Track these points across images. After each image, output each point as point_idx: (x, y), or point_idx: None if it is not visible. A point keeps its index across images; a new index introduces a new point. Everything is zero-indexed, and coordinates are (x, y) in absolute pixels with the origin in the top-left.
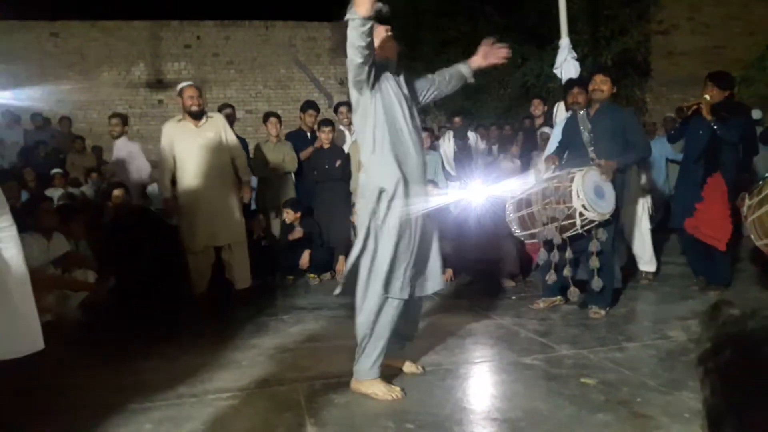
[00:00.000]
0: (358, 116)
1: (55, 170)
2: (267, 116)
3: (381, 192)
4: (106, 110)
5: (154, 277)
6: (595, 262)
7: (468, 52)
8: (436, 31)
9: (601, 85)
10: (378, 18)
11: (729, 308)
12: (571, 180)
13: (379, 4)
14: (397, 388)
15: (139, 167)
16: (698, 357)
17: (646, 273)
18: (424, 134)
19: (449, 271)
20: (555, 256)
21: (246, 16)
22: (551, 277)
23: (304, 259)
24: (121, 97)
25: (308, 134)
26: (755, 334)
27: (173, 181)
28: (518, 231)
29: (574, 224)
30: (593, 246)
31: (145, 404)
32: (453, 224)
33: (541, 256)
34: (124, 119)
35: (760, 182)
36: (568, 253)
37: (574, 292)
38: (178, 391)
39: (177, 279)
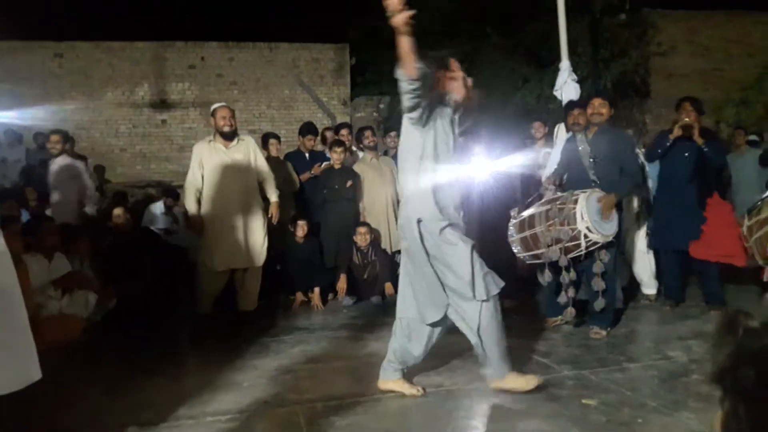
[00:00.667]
0: (405, 145)
1: None
2: (267, 137)
3: (419, 222)
4: (109, 130)
5: (156, 297)
6: (600, 284)
7: (470, 73)
8: (439, 51)
9: (600, 108)
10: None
11: (747, 320)
12: (575, 202)
13: (442, 52)
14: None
15: (83, 186)
16: (716, 372)
17: (647, 295)
18: None
19: None
20: (564, 277)
21: (250, 37)
22: (562, 298)
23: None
24: (125, 117)
25: (306, 155)
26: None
27: (199, 200)
28: (521, 252)
29: (578, 246)
30: (597, 267)
31: (143, 426)
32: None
33: (545, 278)
34: (65, 136)
35: (759, 202)
36: (572, 274)
37: (570, 313)
38: (177, 413)
39: (179, 299)
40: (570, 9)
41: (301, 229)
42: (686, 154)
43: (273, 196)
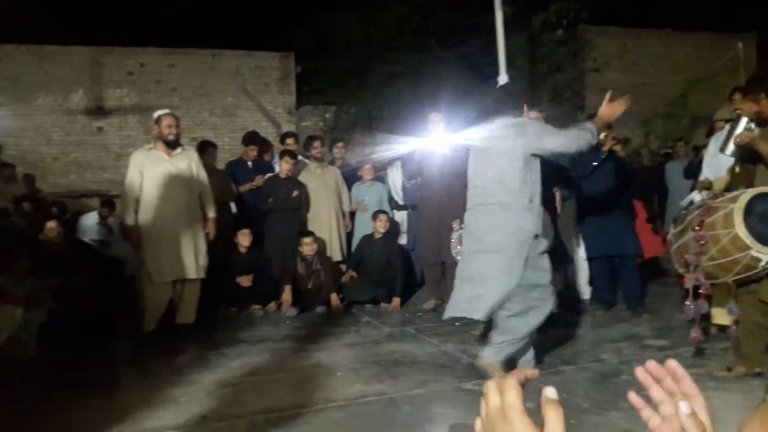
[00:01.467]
0: (518, 169)
1: None
2: (204, 145)
3: (536, 236)
4: (40, 137)
5: (92, 310)
6: None
7: (414, 85)
8: (384, 64)
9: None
10: None
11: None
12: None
13: None
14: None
15: None
16: None
17: (582, 300)
18: (368, 167)
19: (396, 300)
20: None
21: (192, 43)
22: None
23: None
24: (57, 123)
25: (249, 164)
26: None
27: (136, 211)
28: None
29: None
30: None
31: None
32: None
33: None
34: None
35: (683, 212)
36: None
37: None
38: (111, 430)
39: (116, 312)
40: (509, 24)
41: (246, 238)
42: (609, 164)
43: (210, 212)
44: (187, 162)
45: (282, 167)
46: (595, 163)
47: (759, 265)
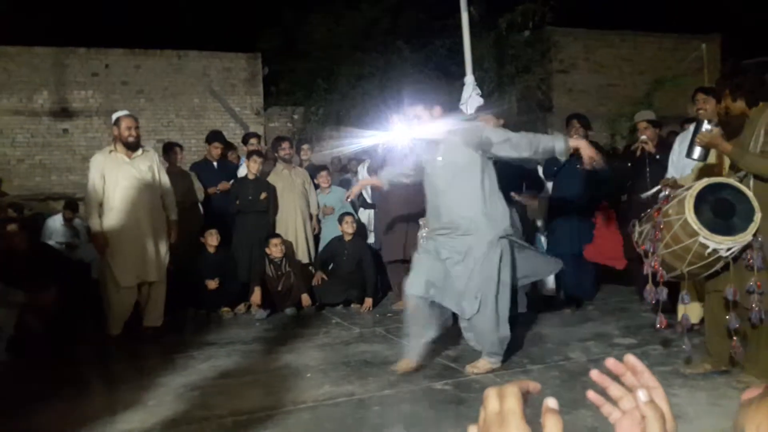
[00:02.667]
0: (467, 172)
1: None
2: (169, 146)
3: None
4: (4, 139)
5: (58, 314)
6: None
7: (381, 86)
8: (352, 65)
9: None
10: None
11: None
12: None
13: None
14: None
15: None
16: None
17: (549, 297)
18: (324, 174)
19: (368, 301)
20: None
21: (157, 44)
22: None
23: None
24: (22, 125)
25: (215, 164)
26: None
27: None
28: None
29: None
30: None
31: None
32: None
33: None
34: None
35: (648, 210)
36: None
37: None
38: None
39: (82, 316)
40: (476, 26)
41: (214, 238)
42: (578, 166)
43: (172, 215)
44: (148, 164)
45: (250, 167)
46: (555, 168)
47: (706, 252)
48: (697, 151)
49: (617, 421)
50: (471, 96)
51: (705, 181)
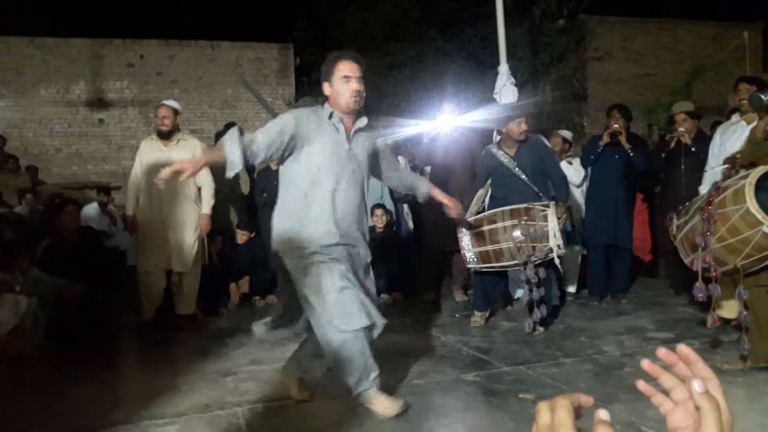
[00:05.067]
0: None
1: None
2: (221, 135)
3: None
4: (43, 129)
5: (94, 301)
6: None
7: (413, 76)
8: (383, 55)
9: (521, 125)
10: None
11: None
12: (545, 218)
13: None
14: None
15: None
16: None
17: (570, 292)
18: None
19: (398, 295)
20: (538, 293)
21: (191, 35)
22: (535, 315)
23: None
24: (60, 116)
25: None
26: None
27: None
28: (477, 264)
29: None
30: (542, 273)
31: None
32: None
33: (524, 296)
34: None
35: (687, 204)
36: (542, 290)
37: (532, 326)
38: (113, 417)
39: (118, 303)
40: (510, 14)
41: (240, 236)
42: (616, 157)
43: (205, 208)
44: (185, 154)
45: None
46: (591, 157)
47: None
48: (766, 96)
49: (669, 412)
50: (505, 85)
51: (762, 169)
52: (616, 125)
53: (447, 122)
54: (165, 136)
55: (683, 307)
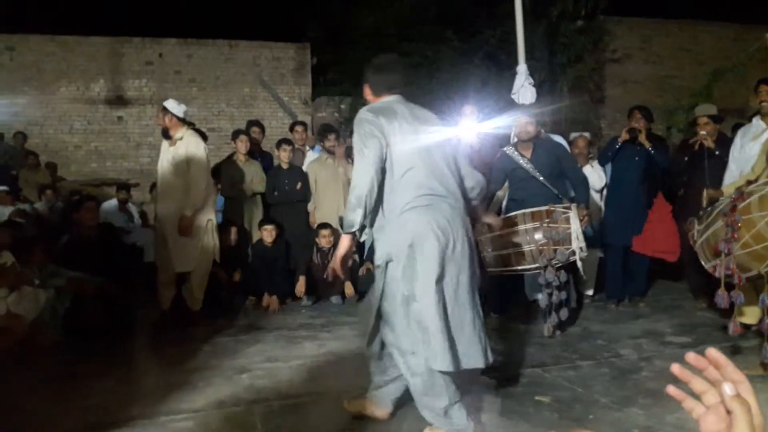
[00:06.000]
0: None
1: (1, 188)
2: (237, 133)
3: None
4: (63, 126)
5: (112, 297)
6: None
7: (430, 76)
8: (399, 56)
9: (527, 126)
10: None
11: None
12: (567, 220)
13: None
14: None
15: None
16: None
17: (586, 294)
18: None
19: None
20: (558, 296)
21: (209, 34)
22: (553, 320)
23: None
24: (79, 113)
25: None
26: None
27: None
28: (496, 268)
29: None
30: (563, 277)
31: (94, 427)
32: None
33: (543, 299)
34: None
35: (709, 209)
36: (563, 293)
37: (551, 329)
38: (131, 412)
39: (135, 299)
40: (528, 14)
41: (269, 234)
42: (636, 158)
43: (187, 209)
44: (183, 151)
45: (281, 157)
46: (609, 153)
47: None
48: None
49: (701, 417)
50: (523, 85)
51: None
52: (636, 125)
53: (467, 124)
54: (165, 135)
55: (702, 312)
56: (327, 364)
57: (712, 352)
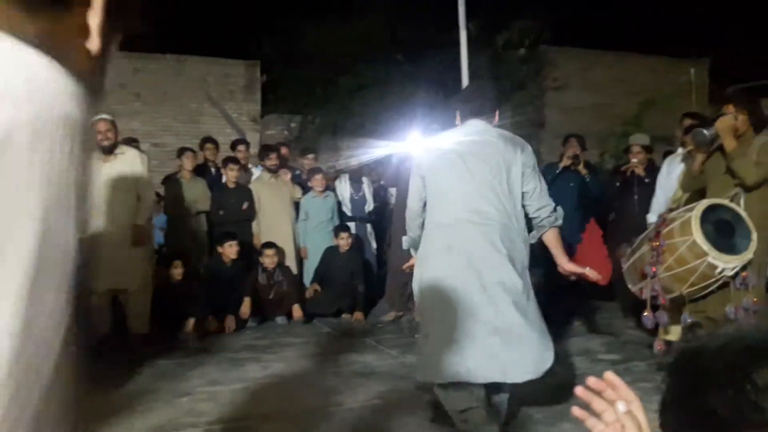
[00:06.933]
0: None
1: None
2: (183, 150)
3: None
4: None
5: None
6: None
7: (381, 98)
8: (351, 76)
9: None
10: None
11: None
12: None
13: None
14: None
15: None
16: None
17: None
18: (318, 176)
19: (359, 314)
20: None
21: (157, 49)
22: None
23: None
24: None
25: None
26: (701, 346)
27: None
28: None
29: None
30: None
31: None
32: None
33: None
34: None
35: (642, 236)
36: None
37: None
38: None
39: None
40: (474, 42)
41: (231, 251)
42: (571, 184)
43: (139, 218)
44: (127, 167)
45: (228, 176)
46: (548, 178)
47: (715, 272)
48: (709, 132)
49: None
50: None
51: (705, 203)
52: (574, 152)
53: (415, 145)
54: (107, 151)
55: (632, 330)
56: (270, 386)
57: (609, 375)
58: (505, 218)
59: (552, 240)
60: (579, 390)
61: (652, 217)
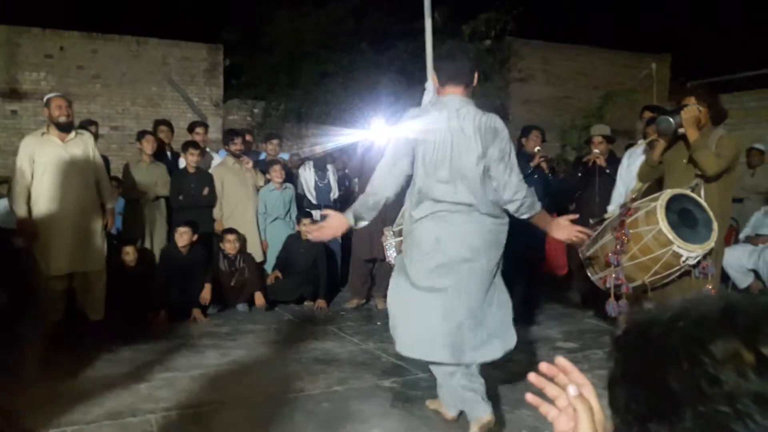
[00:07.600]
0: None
1: None
2: (143, 134)
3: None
4: None
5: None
6: None
7: (345, 85)
8: (316, 63)
9: None
10: None
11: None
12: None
13: None
14: None
15: None
16: (612, 339)
17: None
18: (277, 166)
19: (322, 302)
20: None
21: (117, 30)
22: None
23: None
24: None
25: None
26: (650, 319)
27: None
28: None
29: None
30: None
31: None
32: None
33: None
34: None
35: (600, 226)
36: None
37: None
38: (19, 425)
39: (27, 305)
40: (440, 32)
41: (183, 237)
42: (535, 176)
43: (109, 203)
44: (82, 147)
45: (188, 160)
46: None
47: (679, 261)
48: (675, 120)
49: (555, 418)
50: (431, 101)
51: (669, 192)
52: (538, 147)
53: (380, 134)
54: (66, 128)
55: (590, 319)
56: (230, 373)
57: (560, 360)
58: (482, 204)
59: (539, 221)
60: (532, 376)
61: (612, 209)
